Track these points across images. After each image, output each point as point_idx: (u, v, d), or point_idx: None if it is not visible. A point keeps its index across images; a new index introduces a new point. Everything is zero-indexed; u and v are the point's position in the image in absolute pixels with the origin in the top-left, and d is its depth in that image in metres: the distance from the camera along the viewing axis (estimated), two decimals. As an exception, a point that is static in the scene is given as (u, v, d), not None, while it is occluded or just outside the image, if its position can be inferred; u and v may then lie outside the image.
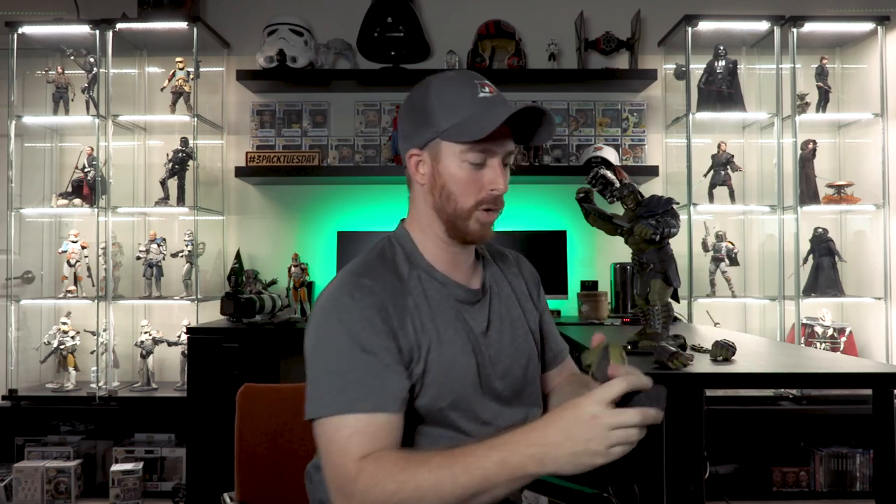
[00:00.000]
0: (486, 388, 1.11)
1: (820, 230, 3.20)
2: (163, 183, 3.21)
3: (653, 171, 3.28)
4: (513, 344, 1.17)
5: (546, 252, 3.25)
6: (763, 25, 3.18)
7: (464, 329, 1.11)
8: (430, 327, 1.07)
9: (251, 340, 2.81)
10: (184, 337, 3.08)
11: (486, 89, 1.09)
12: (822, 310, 3.20)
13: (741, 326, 3.38)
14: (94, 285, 3.20)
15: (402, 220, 1.20)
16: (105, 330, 3.15)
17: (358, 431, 0.95)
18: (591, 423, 0.83)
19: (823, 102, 3.24)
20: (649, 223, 1.56)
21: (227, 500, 1.52)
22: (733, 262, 3.21)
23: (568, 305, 3.34)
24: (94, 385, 3.09)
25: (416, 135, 1.11)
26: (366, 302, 1.03)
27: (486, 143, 1.06)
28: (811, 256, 3.20)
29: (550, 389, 1.29)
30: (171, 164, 3.20)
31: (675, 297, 1.65)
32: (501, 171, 1.09)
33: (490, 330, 1.15)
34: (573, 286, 3.30)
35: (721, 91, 3.21)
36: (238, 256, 3.34)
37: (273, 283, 3.23)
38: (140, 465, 2.91)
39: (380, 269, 1.10)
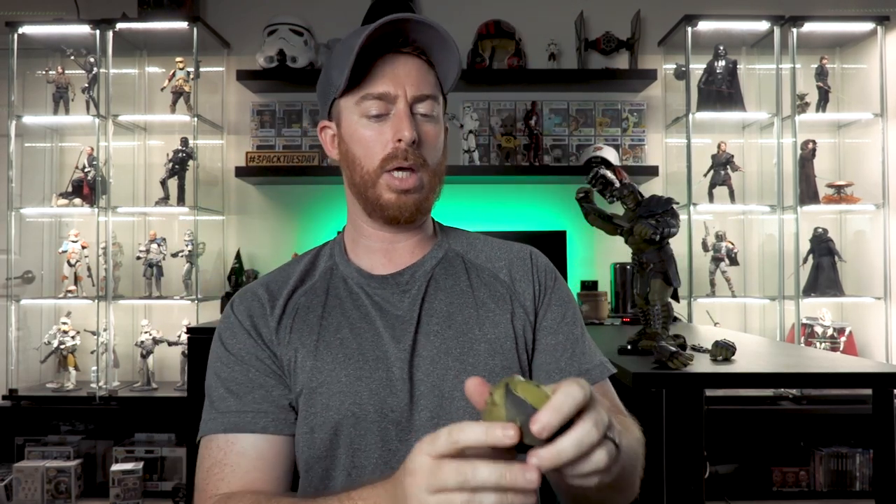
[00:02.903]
0: (385, 419, 0.89)
1: (820, 230, 3.20)
2: (163, 183, 3.21)
3: (653, 171, 3.28)
4: (457, 353, 0.92)
5: (546, 252, 3.21)
6: (763, 25, 3.18)
7: (368, 330, 0.93)
8: (314, 324, 0.94)
9: (251, 340, 2.80)
10: (184, 337, 3.08)
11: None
12: (821, 310, 3.20)
13: (741, 326, 3.38)
14: (94, 285, 3.20)
15: None
16: (105, 330, 3.15)
17: (217, 461, 0.88)
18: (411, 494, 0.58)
19: (823, 102, 3.24)
20: (649, 223, 1.56)
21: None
22: (733, 261, 3.22)
23: (568, 305, 3.34)
24: (94, 385, 3.09)
25: (323, 105, 1.00)
26: (242, 308, 0.96)
27: (383, 87, 0.91)
28: (811, 256, 3.20)
29: None
30: (171, 164, 3.20)
31: (675, 297, 1.65)
32: (407, 117, 0.91)
33: (420, 332, 0.93)
34: (573, 286, 3.31)
35: (721, 91, 3.21)
36: (238, 256, 3.34)
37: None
38: (140, 465, 2.91)
39: (286, 269, 1.02)
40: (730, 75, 3.22)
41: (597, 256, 3.40)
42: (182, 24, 3.12)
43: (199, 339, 2.79)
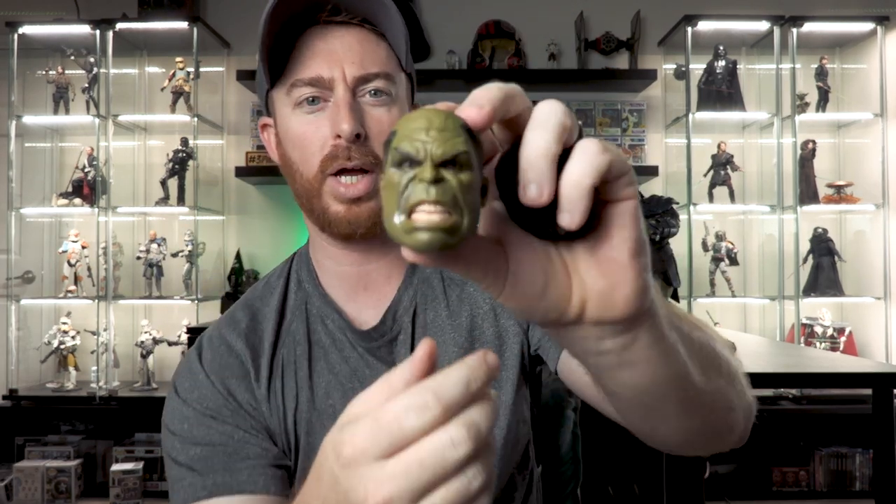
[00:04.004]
0: None
1: (820, 230, 3.20)
2: (163, 183, 3.21)
3: (653, 171, 3.28)
4: None
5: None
6: (763, 25, 3.18)
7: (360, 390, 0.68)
8: (304, 386, 0.78)
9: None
10: (184, 337, 3.08)
11: None
12: (821, 310, 3.20)
13: (741, 326, 3.38)
14: (94, 285, 3.20)
15: None
16: (105, 330, 3.15)
17: None
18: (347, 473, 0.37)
19: (823, 102, 3.25)
20: (649, 223, 1.56)
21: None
22: (733, 261, 3.21)
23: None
24: (94, 385, 3.09)
25: (262, 100, 0.82)
26: (214, 364, 0.78)
27: (315, 69, 0.73)
28: (811, 256, 3.20)
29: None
30: (171, 164, 3.20)
31: (675, 297, 1.65)
32: (347, 105, 0.72)
33: None
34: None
35: (721, 91, 3.21)
36: (238, 256, 3.34)
37: (273, 282, 3.24)
38: (140, 465, 2.91)
39: (258, 306, 0.83)
40: (730, 75, 3.22)
41: (597, 256, 3.39)
42: (182, 24, 3.12)
43: (199, 339, 2.79)
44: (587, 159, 0.35)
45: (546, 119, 0.35)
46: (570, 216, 0.35)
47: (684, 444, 0.59)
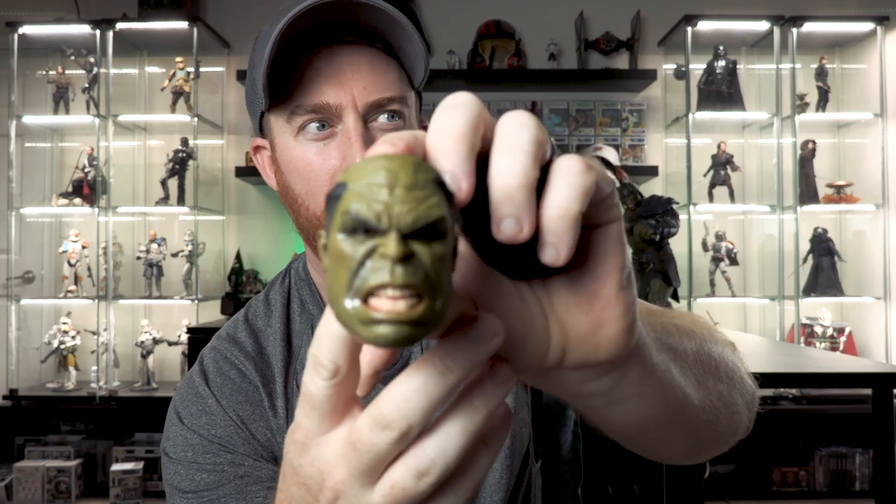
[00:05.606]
0: None
1: (819, 230, 3.20)
2: (163, 183, 3.21)
3: (653, 171, 3.28)
4: None
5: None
6: (763, 25, 3.18)
7: None
8: None
9: (251, 340, 2.80)
10: (184, 337, 3.08)
11: None
12: (821, 310, 3.20)
13: (741, 326, 3.38)
14: (94, 285, 3.20)
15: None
16: (105, 330, 3.15)
17: None
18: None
19: (823, 102, 3.25)
20: (649, 223, 1.56)
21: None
22: (733, 261, 3.22)
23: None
24: (94, 385, 3.09)
25: (253, 118, 0.77)
26: (225, 389, 0.73)
27: (321, 95, 0.66)
28: (811, 256, 3.21)
29: None
30: (171, 164, 3.20)
31: (675, 297, 1.65)
32: (360, 137, 0.66)
33: None
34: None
35: (721, 91, 3.21)
36: (238, 256, 3.34)
37: (273, 282, 3.24)
38: (140, 465, 2.91)
39: (254, 328, 0.78)
40: (730, 75, 3.22)
41: (597, 256, 3.39)
42: (182, 24, 3.12)
43: (199, 338, 2.79)
44: (572, 182, 0.29)
45: (518, 137, 0.29)
46: (556, 251, 0.29)
47: (688, 457, 0.56)
